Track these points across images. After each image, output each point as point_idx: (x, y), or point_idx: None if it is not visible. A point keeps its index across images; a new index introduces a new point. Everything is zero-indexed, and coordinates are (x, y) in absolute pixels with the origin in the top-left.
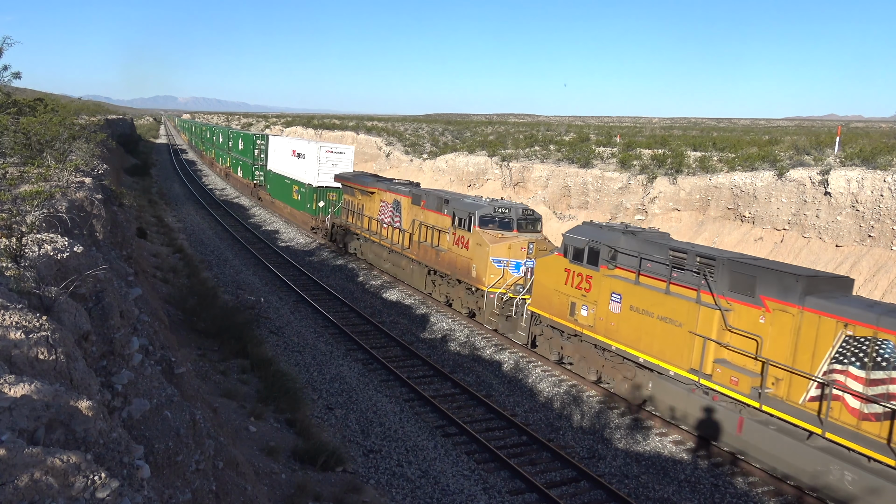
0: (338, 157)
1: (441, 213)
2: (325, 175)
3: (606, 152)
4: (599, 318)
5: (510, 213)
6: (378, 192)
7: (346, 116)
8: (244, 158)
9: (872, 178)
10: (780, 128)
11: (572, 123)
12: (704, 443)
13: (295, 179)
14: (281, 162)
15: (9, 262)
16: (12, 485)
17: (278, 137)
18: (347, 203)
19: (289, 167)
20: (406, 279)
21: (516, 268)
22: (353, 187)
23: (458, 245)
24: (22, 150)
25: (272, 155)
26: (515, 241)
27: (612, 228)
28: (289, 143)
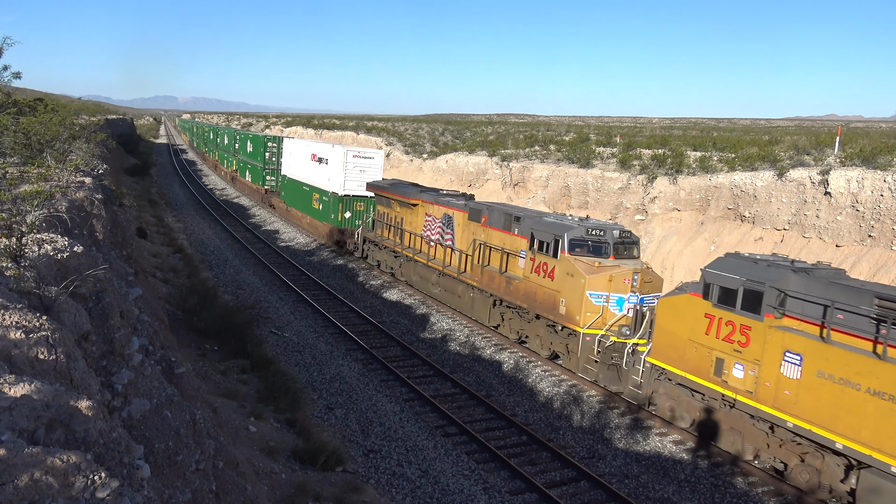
0: (366, 163)
1: (511, 233)
2: (353, 182)
3: (606, 152)
4: (765, 384)
5: (605, 235)
6: (422, 205)
7: (346, 116)
8: (253, 162)
9: (872, 178)
10: (780, 128)
11: (572, 123)
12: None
13: (315, 186)
14: (298, 167)
15: (9, 262)
16: (12, 485)
17: (295, 140)
18: (382, 216)
19: (308, 173)
20: (463, 308)
21: (618, 304)
22: (390, 198)
23: (539, 273)
24: (22, 150)
25: (287, 159)
26: (617, 271)
27: (775, 264)
28: (308, 146)
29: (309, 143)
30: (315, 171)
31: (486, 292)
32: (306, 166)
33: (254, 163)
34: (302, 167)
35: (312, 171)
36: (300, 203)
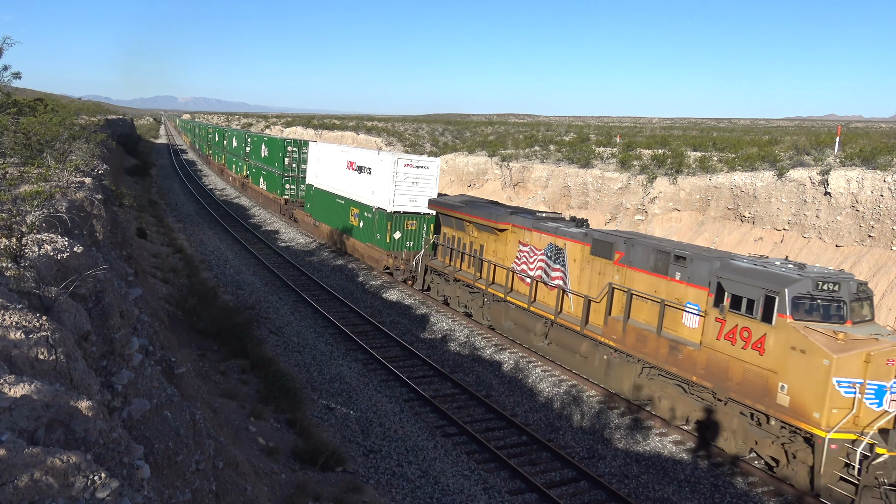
0: (419, 174)
1: (668, 278)
2: (403, 197)
3: (606, 152)
4: None
5: (840, 289)
6: (514, 231)
7: (346, 116)
8: (269, 168)
9: (872, 178)
10: (780, 128)
11: (572, 123)
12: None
13: (354, 200)
14: (330, 176)
15: (9, 262)
16: (12, 485)
17: (325, 145)
18: (451, 240)
19: (343, 183)
20: (588, 373)
21: (877, 396)
22: (464, 219)
23: (734, 341)
24: (22, 150)
25: (314, 166)
26: (877, 347)
27: None
28: (343, 152)
29: (345, 150)
30: (353, 181)
31: (633, 357)
32: (341, 176)
33: (270, 169)
34: (335, 176)
35: (349, 182)
36: (333, 218)
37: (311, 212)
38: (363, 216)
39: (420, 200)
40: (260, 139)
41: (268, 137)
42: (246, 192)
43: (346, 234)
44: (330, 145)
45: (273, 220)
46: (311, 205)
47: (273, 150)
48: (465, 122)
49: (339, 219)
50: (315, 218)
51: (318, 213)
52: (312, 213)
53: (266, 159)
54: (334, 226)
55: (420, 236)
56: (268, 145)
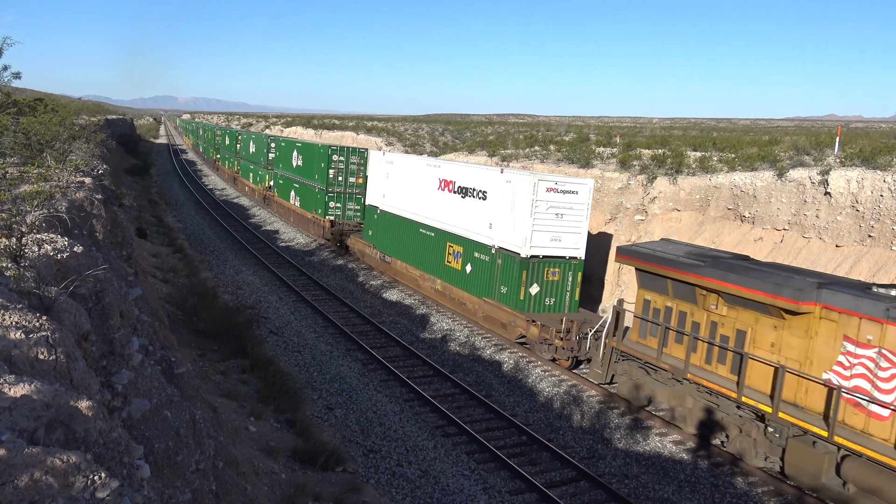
0: (566, 202)
1: None
2: (543, 235)
3: (606, 152)
4: None
5: None
6: (829, 316)
7: (346, 116)
8: (304, 180)
9: (872, 178)
10: (780, 128)
11: (572, 123)
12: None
13: (455, 234)
14: (408, 197)
15: (9, 262)
16: (12, 485)
17: (400, 156)
18: (666, 314)
19: (434, 209)
20: None
21: None
22: (699, 285)
23: None
24: (22, 150)
25: (381, 182)
26: None
27: None
28: (433, 167)
29: (435, 164)
30: (452, 207)
31: None
32: (429, 198)
33: (305, 182)
34: (417, 198)
35: (445, 208)
36: (414, 253)
37: (375, 241)
38: (473, 258)
39: (566, 240)
40: (290, 145)
41: (302, 143)
42: (270, 208)
43: (442, 278)
44: (408, 157)
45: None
46: (375, 232)
47: (311, 159)
48: (465, 122)
49: (427, 256)
50: (381, 250)
51: (386, 244)
52: (377, 243)
53: (300, 170)
54: (419, 265)
55: (563, 291)
56: (303, 153)
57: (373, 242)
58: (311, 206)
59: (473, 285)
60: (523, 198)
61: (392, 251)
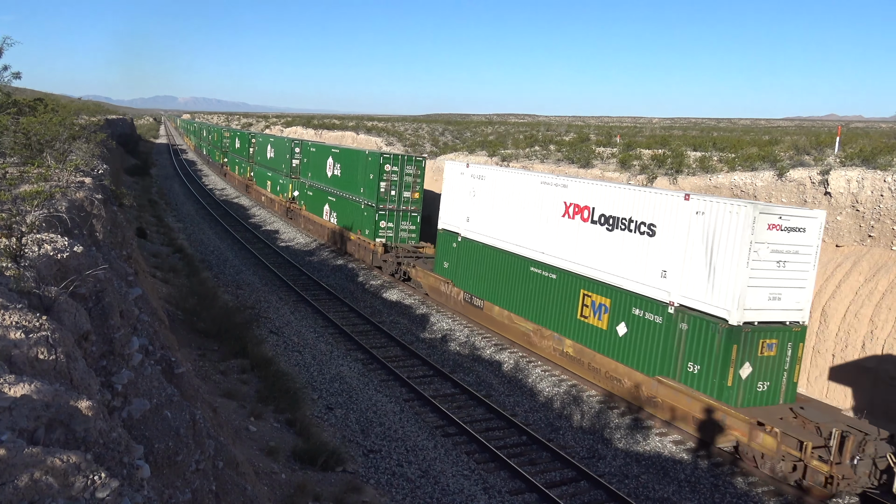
0: (792, 243)
1: None
2: (761, 291)
3: (606, 152)
4: None
5: None
6: None
7: (346, 116)
8: (343, 194)
9: (872, 178)
10: (780, 128)
11: (572, 123)
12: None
13: (600, 281)
14: (513, 223)
15: (9, 262)
16: (12, 485)
17: (494, 170)
18: None
19: (560, 243)
20: None
21: None
22: None
23: None
24: (22, 150)
25: (462, 201)
26: None
27: None
28: (552, 185)
29: (564, 183)
30: (592, 243)
31: None
32: (550, 228)
33: (346, 195)
34: (528, 227)
35: (579, 243)
36: (528, 304)
37: (456, 277)
38: (630, 317)
39: (787, 297)
40: (323, 151)
41: (340, 149)
42: (295, 223)
43: (572, 338)
44: (509, 172)
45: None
46: (455, 266)
47: (353, 169)
48: (465, 122)
49: (546, 306)
50: (466, 290)
51: (473, 281)
52: (458, 279)
53: (337, 181)
54: (531, 316)
55: (780, 371)
56: (341, 160)
57: (451, 278)
58: (353, 225)
59: (632, 354)
60: (734, 238)
61: (484, 292)
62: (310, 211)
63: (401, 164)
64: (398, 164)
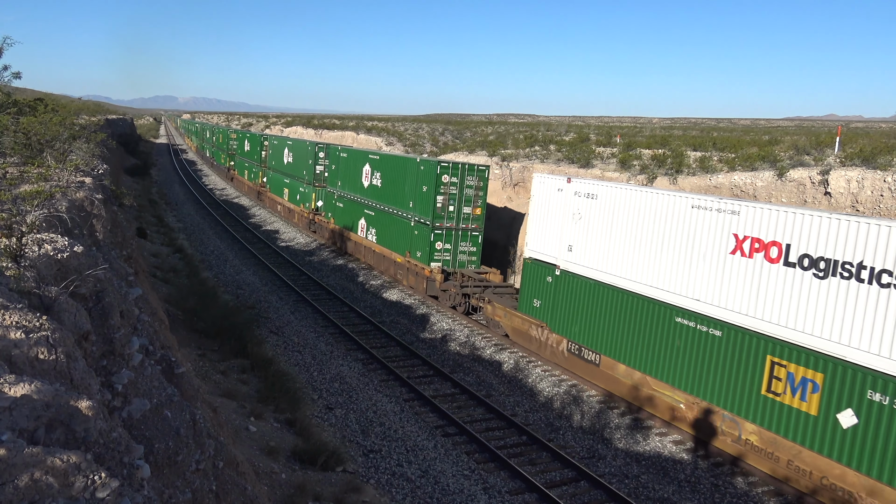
0: None
1: None
2: None
3: (606, 152)
4: None
5: None
6: None
7: (346, 116)
8: (386, 208)
9: (872, 178)
10: (780, 128)
11: (572, 123)
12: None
13: (802, 346)
14: (645, 258)
15: (9, 262)
16: (12, 485)
17: (609, 186)
18: None
19: (729, 289)
20: None
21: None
22: None
23: None
24: (22, 150)
25: (559, 224)
26: None
27: None
28: (721, 211)
29: (734, 208)
30: (787, 293)
31: None
32: (710, 268)
33: (390, 210)
34: (670, 264)
35: (763, 292)
36: (671, 364)
37: (554, 320)
38: (866, 404)
39: None
40: (357, 157)
41: (380, 155)
42: (343, 247)
43: (755, 421)
44: (635, 189)
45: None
46: (552, 305)
47: (399, 179)
48: (465, 122)
49: (701, 370)
50: (571, 338)
51: (581, 328)
52: (557, 323)
53: (377, 192)
54: (677, 381)
55: None
56: (382, 169)
57: (545, 321)
58: (401, 246)
59: (873, 459)
60: None
61: (601, 343)
62: (339, 224)
63: (461, 174)
64: (458, 175)
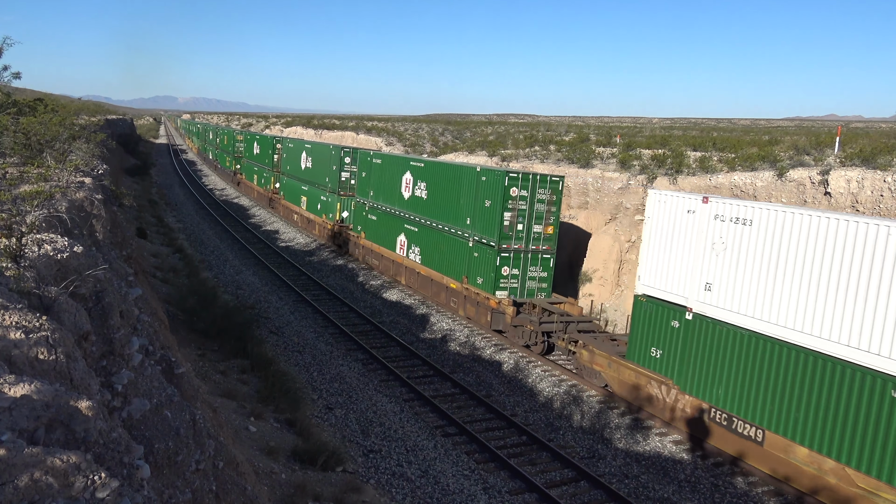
0: None
1: None
2: None
3: (606, 152)
4: None
5: None
6: None
7: (346, 116)
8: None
9: (872, 178)
10: (780, 128)
11: (572, 123)
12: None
13: None
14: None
15: (9, 262)
16: (12, 485)
17: (774, 209)
18: None
19: None
20: None
21: None
22: None
23: None
24: (22, 150)
25: (694, 254)
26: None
27: None
28: None
29: None
30: None
31: None
32: None
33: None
34: (868, 318)
35: None
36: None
37: (679, 376)
38: None
39: None
40: (395, 164)
41: (425, 162)
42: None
43: None
44: (816, 214)
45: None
46: (674, 355)
47: (453, 190)
48: (465, 122)
49: None
50: (717, 403)
51: (725, 391)
52: (682, 379)
53: (422, 205)
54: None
55: None
56: (428, 178)
57: (669, 376)
58: (455, 270)
59: None
60: None
61: (761, 415)
62: (372, 240)
63: (531, 186)
64: (528, 187)
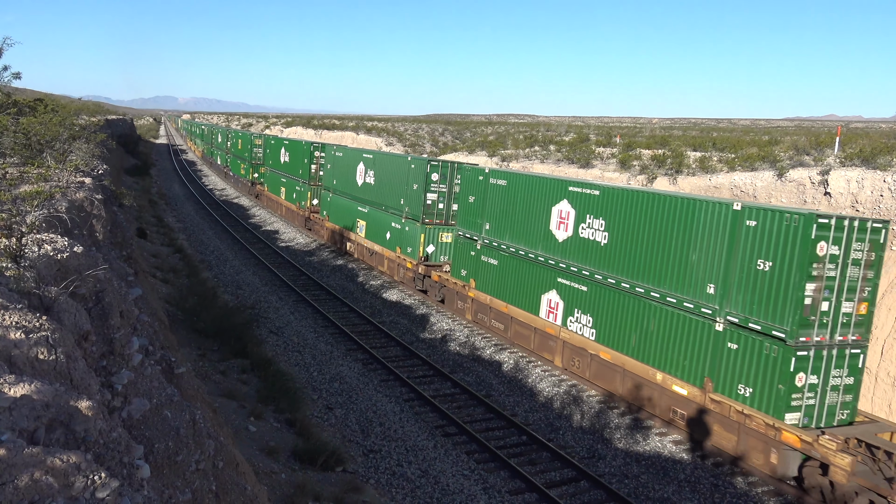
0: None
1: None
2: None
3: (606, 152)
4: None
5: None
6: None
7: (346, 117)
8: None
9: (872, 178)
10: (780, 128)
11: (572, 124)
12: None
13: None
14: None
15: (9, 262)
16: (12, 485)
17: None
18: None
19: None
20: None
21: None
22: None
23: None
24: (22, 151)
25: None
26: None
27: None
28: None
29: None
30: None
31: None
32: None
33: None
34: None
35: None
36: None
37: None
38: None
39: None
40: (516, 180)
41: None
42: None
43: None
44: None
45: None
46: None
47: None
48: (465, 122)
49: None
50: None
51: None
52: None
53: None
54: None
55: None
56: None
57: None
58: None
59: None
60: None
61: None
62: (492, 293)
63: (847, 239)
64: (842, 241)
